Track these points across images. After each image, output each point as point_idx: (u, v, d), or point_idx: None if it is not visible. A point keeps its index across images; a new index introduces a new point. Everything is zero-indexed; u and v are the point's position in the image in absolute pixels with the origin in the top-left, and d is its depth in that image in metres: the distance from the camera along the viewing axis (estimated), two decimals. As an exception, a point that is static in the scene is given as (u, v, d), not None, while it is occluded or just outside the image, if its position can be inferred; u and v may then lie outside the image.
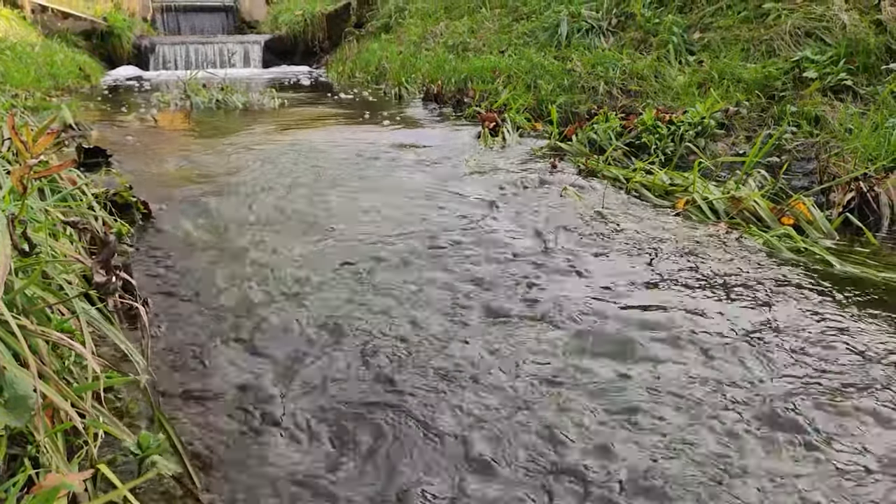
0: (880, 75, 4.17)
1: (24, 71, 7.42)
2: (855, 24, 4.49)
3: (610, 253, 2.60)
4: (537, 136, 4.92)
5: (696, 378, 1.71)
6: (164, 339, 1.93)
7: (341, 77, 10.61)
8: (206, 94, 7.34)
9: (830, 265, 2.50)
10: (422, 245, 2.68)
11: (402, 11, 11.36)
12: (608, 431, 1.51)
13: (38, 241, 1.58)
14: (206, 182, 3.66)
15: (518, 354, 1.85)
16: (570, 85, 5.63)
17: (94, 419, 1.33)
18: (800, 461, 1.41)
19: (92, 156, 3.96)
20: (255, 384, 1.72)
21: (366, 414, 1.59)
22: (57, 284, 1.62)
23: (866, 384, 1.68)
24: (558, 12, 7.21)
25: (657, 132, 4.22)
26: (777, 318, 2.04)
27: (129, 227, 2.77)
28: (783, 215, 2.97)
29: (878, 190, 3.07)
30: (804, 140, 3.83)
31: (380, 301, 2.19)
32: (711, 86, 4.77)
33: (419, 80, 7.95)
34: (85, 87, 9.05)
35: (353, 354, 1.86)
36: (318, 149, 4.55)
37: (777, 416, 1.56)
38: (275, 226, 2.93)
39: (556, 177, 3.73)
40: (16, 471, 1.17)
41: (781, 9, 5.13)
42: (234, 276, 2.38)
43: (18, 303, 1.37)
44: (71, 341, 1.29)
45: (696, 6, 6.00)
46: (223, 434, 1.51)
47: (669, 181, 3.54)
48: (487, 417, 1.56)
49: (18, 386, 1.13)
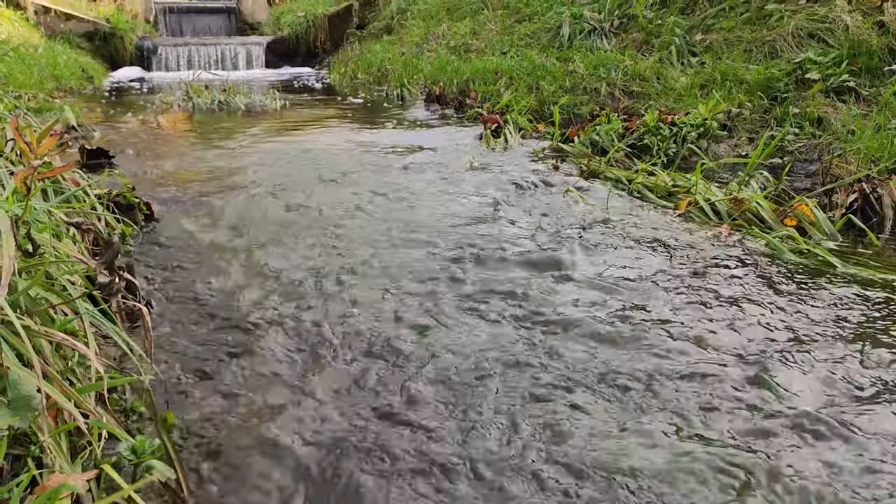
0: (883, 77, 4.16)
1: (28, 72, 7.44)
2: (858, 26, 4.49)
3: (611, 251, 2.60)
4: (539, 138, 4.92)
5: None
6: (166, 340, 1.93)
7: (343, 78, 10.62)
8: (209, 96, 7.35)
9: (833, 266, 2.50)
10: (422, 248, 2.68)
11: (404, 13, 11.36)
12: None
13: (42, 242, 1.59)
14: (208, 183, 3.66)
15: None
16: (572, 86, 5.63)
17: (98, 419, 1.33)
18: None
19: (95, 157, 3.97)
20: (255, 389, 1.72)
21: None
22: (60, 285, 1.62)
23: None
24: (560, 14, 7.21)
25: (659, 133, 4.21)
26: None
27: (132, 227, 2.78)
28: (786, 217, 2.96)
29: (881, 191, 3.07)
30: (807, 141, 3.83)
31: (371, 295, 2.19)
32: (714, 87, 4.77)
33: (421, 82, 7.95)
34: (87, 89, 9.07)
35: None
36: (319, 150, 4.55)
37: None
38: (276, 227, 2.93)
39: (559, 178, 3.73)
40: (19, 471, 1.17)
41: (784, 10, 5.13)
42: (236, 277, 2.38)
43: (22, 303, 1.37)
44: (74, 342, 1.29)
45: (699, 8, 6.00)
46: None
47: (672, 182, 3.53)
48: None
49: (22, 386, 1.14)
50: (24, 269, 1.48)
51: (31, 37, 10.08)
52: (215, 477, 1.38)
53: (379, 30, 11.89)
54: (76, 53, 10.51)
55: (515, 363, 1.81)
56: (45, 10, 11.50)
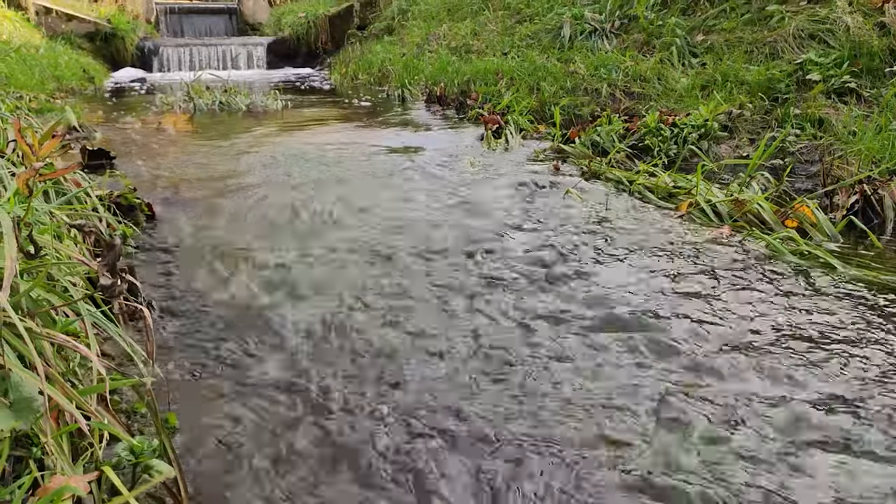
0: (884, 78, 4.16)
1: (29, 73, 7.44)
2: (859, 27, 4.48)
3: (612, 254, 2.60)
4: (540, 139, 4.92)
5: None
6: (168, 341, 1.93)
7: (344, 79, 10.62)
8: (210, 96, 7.35)
9: (834, 268, 2.50)
10: (422, 253, 2.68)
11: (405, 13, 11.37)
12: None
13: (44, 244, 1.59)
14: (209, 184, 3.66)
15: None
16: (572, 87, 5.63)
17: (100, 421, 1.33)
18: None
19: (96, 158, 3.97)
20: (260, 380, 1.72)
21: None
22: (62, 286, 1.62)
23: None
24: (561, 14, 7.21)
25: (660, 135, 4.21)
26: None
27: (134, 228, 2.78)
28: (787, 218, 2.96)
29: (882, 193, 3.07)
30: (808, 143, 3.83)
31: (372, 297, 2.19)
32: (714, 88, 4.77)
33: (422, 83, 7.95)
34: (89, 89, 9.07)
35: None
36: (320, 151, 4.55)
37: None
38: (277, 227, 2.93)
39: (560, 179, 3.73)
40: (21, 473, 1.17)
41: (785, 11, 5.13)
42: (238, 278, 2.38)
43: (24, 305, 1.37)
44: (76, 344, 1.29)
45: (700, 8, 5.99)
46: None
47: (673, 184, 3.53)
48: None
49: (24, 388, 1.14)
50: (26, 270, 1.48)
51: (32, 37, 10.09)
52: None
53: (380, 30, 11.90)
54: (77, 54, 10.52)
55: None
56: (46, 11, 11.51)
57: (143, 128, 5.80)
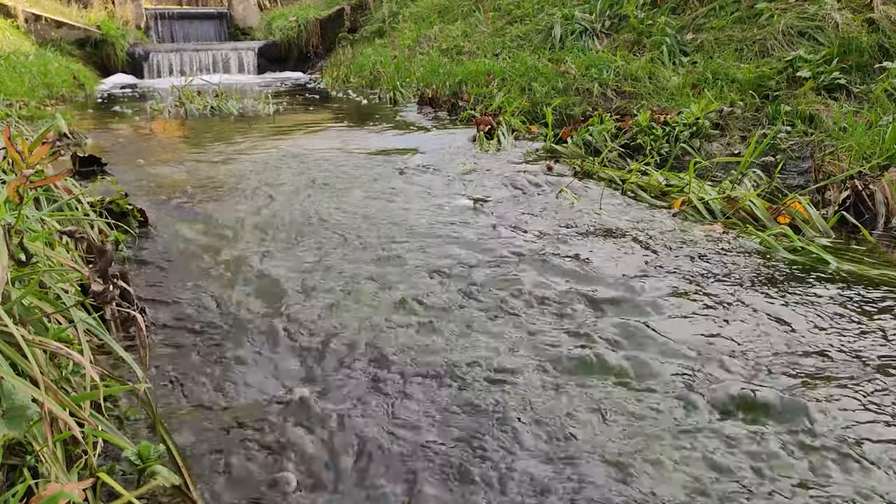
0: (873, 74, 4.19)
1: (19, 80, 7.41)
2: (847, 23, 4.52)
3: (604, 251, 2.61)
4: (532, 139, 4.93)
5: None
6: (160, 347, 1.93)
7: (336, 82, 10.62)
8: (201, 101, 7.34)
9: (827, 263, 2.51)
10: (416, 251, 2.68)
11: (396, 16, 11.38)
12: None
13: (35, 251, 1.58)
14: (201, 189, 3.65)
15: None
16: (564, 87, 5.65)
17: (94, 428, 1.33)
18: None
19: (87, 164, 3.96)
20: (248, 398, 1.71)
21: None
22: (54, 294, 1.61)
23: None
24: (552, 15, 7.23)
25: (652, 133, 4.23)
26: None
27: (126, 235, 2.77)
28: (779, 214, 2.97)
29: (873, 188, 3.08)
30: (799, 139, 3.85)
31: (362, 304, 2.19)
32: (705, 86, 4.79)
33: (414, 85, 7.95)
34: (79, 96, 9.04)
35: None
36: (312, 155, 4.55)
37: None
38: (269, 232, 2.93)
39: (552, 179, 3.73)
40: (15, 481, 1.17)
41: (774, 9, 5.16)
42: (230, 283, 2.38)
43: (16, 312, 1.37)
44: (69, 351, 1.29)
45: (689, 7, 6.02)
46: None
47: (665, 182, 3.55)
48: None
49: (17, 396, 1.13)
50: (18, 278, 1.47)
51: (21, 44, 10.06)
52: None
53: (371, 33, 11.91)
54: (67, 61, 10.49)
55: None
56: (35, 18, 11.47)
57: (135, 134, 5.78)
